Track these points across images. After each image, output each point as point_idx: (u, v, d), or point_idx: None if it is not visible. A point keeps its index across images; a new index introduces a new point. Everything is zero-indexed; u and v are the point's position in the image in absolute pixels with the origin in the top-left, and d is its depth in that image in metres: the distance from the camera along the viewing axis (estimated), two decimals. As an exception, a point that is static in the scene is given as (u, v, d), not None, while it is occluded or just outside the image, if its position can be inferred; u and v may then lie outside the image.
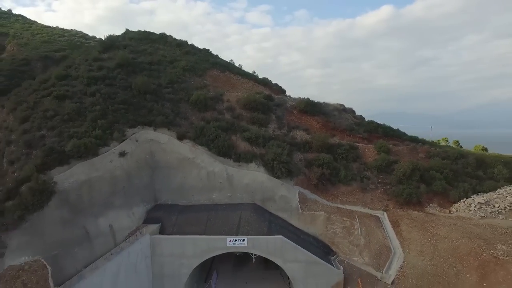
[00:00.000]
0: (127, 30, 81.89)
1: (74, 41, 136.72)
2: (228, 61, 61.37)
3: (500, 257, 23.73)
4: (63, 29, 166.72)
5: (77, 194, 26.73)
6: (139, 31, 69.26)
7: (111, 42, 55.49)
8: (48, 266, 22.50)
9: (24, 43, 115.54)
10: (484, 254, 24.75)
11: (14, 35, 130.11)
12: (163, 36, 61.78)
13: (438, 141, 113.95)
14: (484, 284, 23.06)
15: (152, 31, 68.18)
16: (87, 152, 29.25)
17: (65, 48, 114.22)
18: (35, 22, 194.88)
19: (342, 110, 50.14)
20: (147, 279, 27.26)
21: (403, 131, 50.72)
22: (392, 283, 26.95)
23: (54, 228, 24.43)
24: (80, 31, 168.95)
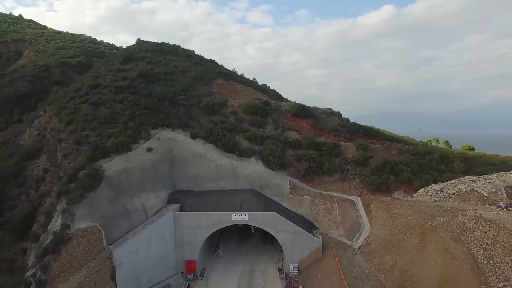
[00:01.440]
0: (139, 39, 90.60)
1: (85, 46, 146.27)
2: (231, 70, 69.81)
3: (435, 226, 31.97)
4: (73, 34, 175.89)
5: (117, 180, 35.08)
6: (152, 42, 77.77)
7: (130, 54, 63.81)
8: (102, 230, 30.79)
9: (42, 49, 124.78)
10: (426, 225, 32.97)
11: (30, 41, 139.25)
12: (174, 48, 70.22)
13: (430, 140, 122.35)
14: (422, 244, 31.33)
15: (150, 33, 76.65)
16: (123, 148, 37.67)
17: (79, 54, 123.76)
18: (45, 26, 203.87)
19: (330, 113, 58.32)
20: (171, 245, 35.54)
21: (400, 132, 58.72)
22: (359, 248, 35.13)
23: (104, 204, 32.80)
24: (88, 35, 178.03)
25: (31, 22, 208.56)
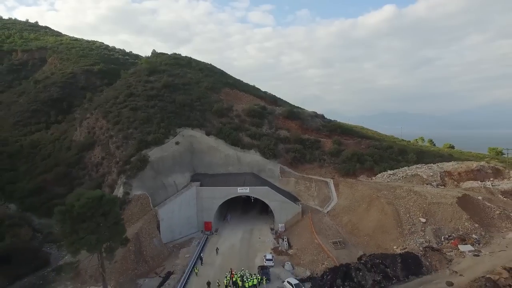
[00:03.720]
0: (154, 51, 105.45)
1: (101, 53, 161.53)
2: (231, 71, 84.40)
3: (379, 195, 46.36)
4: (88, 41, 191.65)
5: (157, 164, 49.71)
6: (168, 55, 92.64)
7: (153, 68, 78.43)
8: (149, 197, 45.38)
9: (66, 57, 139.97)
10: (373, 195, 47.36)
11: (53, 49, 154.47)
12: (188, 62, 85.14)
13: (416, 140, 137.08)
14: (368, 207, 45.76)
15: (151, 32, 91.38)
16: (159, 142, 52.36)
17: (98, 61, 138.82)
18: (60, 33, 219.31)
19: (314, 116, 72.82)
20: (194, 210, 50.04)
21: (395, 132, 72.54)
22: (327, 212, 49.54)
23: (149, 180, 47.44)
24: (101, 42, 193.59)
25: (47, 29, 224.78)
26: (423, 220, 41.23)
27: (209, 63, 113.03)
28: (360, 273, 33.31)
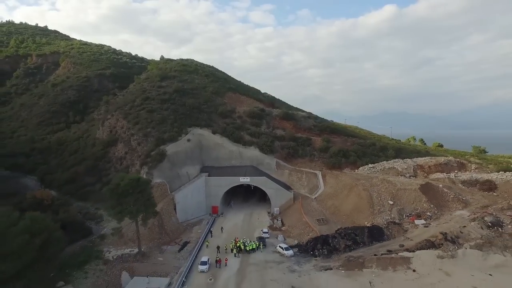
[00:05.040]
0: (163, 57, 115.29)
1: (110, 57, 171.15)
2: (230, 71, 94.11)
3: (358, 184, 55.98)
4: (97, 45, 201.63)
5: (172, 157, 59.46)
6: (176, 61, 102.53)
7: (164, 74, 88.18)
8: (167, 184, 55.12)
9: (78, 62, 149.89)
10: (353, 184, 56.97)
11: (66, 54, 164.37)
12: (195, 68, 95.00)
13: (408, 139, 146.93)
14: (348, 193, 55.42)
15: (152, 32, 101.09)
16: (174, 139, 62.10)
17: (109, 66, 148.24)
18: (68, 36, 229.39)
19: (307, 117, 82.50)
20: (203, 196, 59.71)
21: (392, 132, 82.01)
22: (315, 198, 59.15)
23: (166, 170, 57.19)
24: (109, 46, 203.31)
25: (56, 33, 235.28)
26: (391, 202, 50.95)
27: (212, 65, 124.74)
28: (336, 240, 43.07)
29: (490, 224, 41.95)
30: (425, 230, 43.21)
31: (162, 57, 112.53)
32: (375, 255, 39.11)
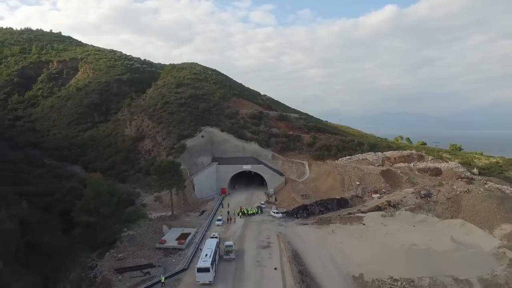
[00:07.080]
0: (172, 64, 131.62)
1: (125, 63, 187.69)
2: (232, 72, 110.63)
3: (334, 170, 72.57)
4: (110, 51, 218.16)
5: (190, 149, 76.17)
6: (189, 71, 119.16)
7: (179, 82, 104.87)
8: (187, 170, 71.77)
9: (97, 68, 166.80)
10: (331, 170, 73.61)
11: (84, 60, 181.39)
12: (205, 76, 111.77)
13: (396, 139, 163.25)
14: (327, 177, 72.06)
15: (153, 32, 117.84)
16: (191, 135, 78.85)
17: (125, 71, 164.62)
18: (81, 42, 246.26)
19: (299, 118, 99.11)
20: (214, 179, 76.24)
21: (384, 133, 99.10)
22: (301, 181, 75.63)
23: (186, 159, 73.88)
24: (119, 51, 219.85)
25: (71, 39, 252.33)
26: (358, 183, 67.52)
27: (215, 68, 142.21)
28: (313, 207, 59.59)
29: (423, 195, 58.59)
30: (378, 201, 59.82)
31: (171, 64, 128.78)
32: (339, 215, 55.70)
